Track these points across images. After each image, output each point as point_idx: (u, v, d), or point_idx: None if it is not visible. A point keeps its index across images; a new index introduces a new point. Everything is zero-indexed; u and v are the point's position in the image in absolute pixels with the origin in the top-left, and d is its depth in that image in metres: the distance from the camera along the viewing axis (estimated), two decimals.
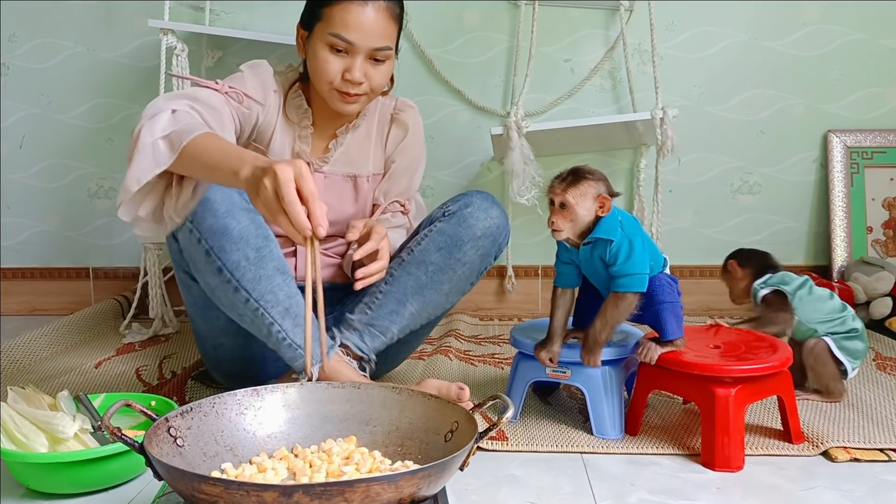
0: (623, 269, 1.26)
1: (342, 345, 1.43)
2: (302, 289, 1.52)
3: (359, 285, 1.38)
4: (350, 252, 1.56)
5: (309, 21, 1.45)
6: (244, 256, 1.30)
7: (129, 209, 1.17)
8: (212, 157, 1.10)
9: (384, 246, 1.41)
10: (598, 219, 1.28)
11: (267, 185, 0.99)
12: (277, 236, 1.49)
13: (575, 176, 1.27)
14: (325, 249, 1.57)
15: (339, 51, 1.40)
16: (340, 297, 1.58)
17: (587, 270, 1.33)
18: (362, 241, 1.42)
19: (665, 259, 1.34)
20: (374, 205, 1.60)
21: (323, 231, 0.98)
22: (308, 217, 0.98)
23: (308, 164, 1.01)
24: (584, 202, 1.26)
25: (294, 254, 1.53)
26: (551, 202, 1.29)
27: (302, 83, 1.52)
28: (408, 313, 1.45)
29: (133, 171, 1.13)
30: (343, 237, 1.52)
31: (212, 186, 1.26)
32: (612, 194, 1.29)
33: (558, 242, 1.34)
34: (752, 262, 1.52)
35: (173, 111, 1.20)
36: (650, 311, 1.28)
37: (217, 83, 1.38)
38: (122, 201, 1.16)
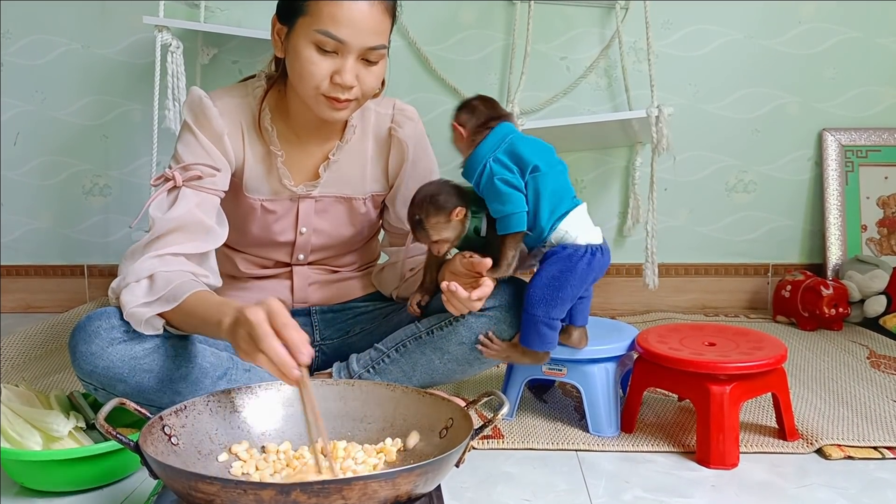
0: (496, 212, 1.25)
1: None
2: (298, 312, 1.49)
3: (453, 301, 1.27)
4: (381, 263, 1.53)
5: (289, 14, 1.25)
6: (203, 389, 1.21)
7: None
8: (194, 324, 1.13)
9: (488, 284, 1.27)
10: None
11: (242, 332, 0.97)
12: (265, 268, 1.47)
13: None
14: (320, 267, 1.50)
15: (326, 51, 1.22)
16: (339, 320, 1.52)
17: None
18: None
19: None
20: (385, 228, 1.52)
21: (304, 358, 0.94)
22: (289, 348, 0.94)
23: (281, 301, 0.96)
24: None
25: (290, 275, 1.47)
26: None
27: (278, 85, 1.36)
28: (411, 385, 1.31)
29: (129, 317, 1.17)
30: (340, 255, 1.50)
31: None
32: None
33: None
34: None
35: (150, 276, 1.19)
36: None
37: (171, 171, 1.26)
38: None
